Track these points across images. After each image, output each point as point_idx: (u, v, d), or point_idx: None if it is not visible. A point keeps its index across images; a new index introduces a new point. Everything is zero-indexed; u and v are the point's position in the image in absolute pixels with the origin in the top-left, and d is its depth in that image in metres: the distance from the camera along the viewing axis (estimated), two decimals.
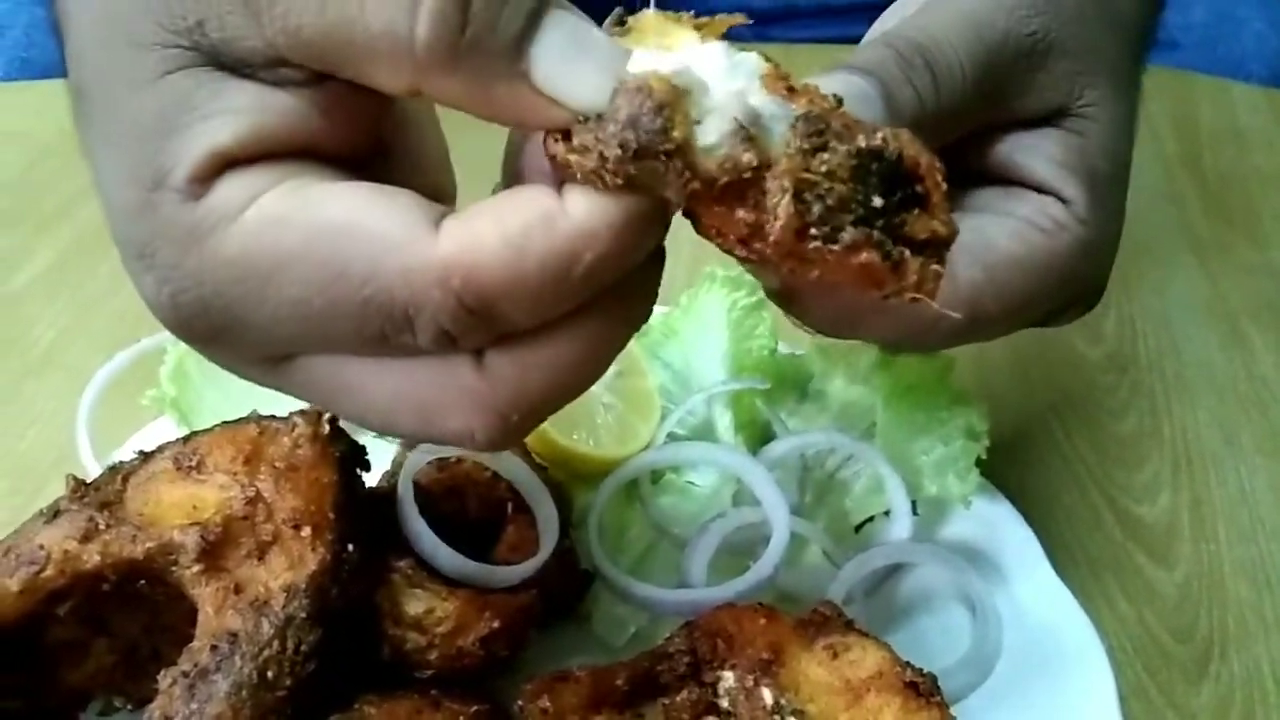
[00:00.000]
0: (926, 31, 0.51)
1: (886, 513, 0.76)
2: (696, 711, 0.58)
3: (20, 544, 0.55)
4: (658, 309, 0.85)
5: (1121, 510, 0.84)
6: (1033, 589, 0.72)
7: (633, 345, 0.81)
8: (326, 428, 0.60)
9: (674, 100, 0.34)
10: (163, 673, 0.52)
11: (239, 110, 0.38)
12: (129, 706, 0.61)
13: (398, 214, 0.37)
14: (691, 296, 0.85)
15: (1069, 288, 0.57)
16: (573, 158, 0.36)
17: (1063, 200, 0.55)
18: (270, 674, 0.51)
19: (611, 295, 0.38)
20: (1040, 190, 0.55)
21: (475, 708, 0.59)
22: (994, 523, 0.76)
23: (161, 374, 0.78)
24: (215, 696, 0.50)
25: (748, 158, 0.35)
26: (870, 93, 0.48)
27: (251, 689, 0.51)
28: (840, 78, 0.48)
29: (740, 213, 0.36)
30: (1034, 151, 0.56)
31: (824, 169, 0.35)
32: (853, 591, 0.70)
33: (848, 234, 0.36)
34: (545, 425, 0.73)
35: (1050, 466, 0.88)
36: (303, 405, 0.61)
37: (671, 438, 0.78)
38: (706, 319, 0.83)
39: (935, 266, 0.37)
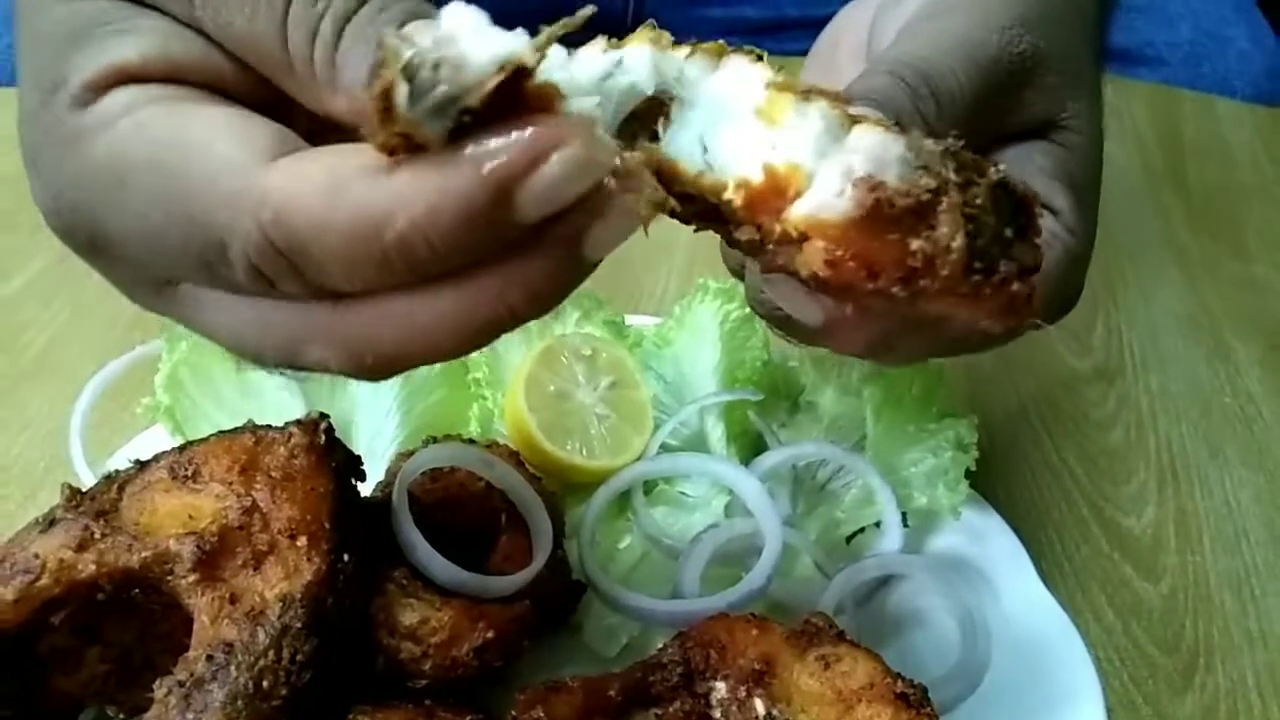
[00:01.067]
0: (927, 60, 0.52)
1: (877, 524, 0.76)
2: None
3: (15, 552, 0.55)
4: (651, 320, 0.87)
5: (1108, 522, 0.85)
6: (1021, 600, 0.73)
7: (626, 356, 0.81)
8: (323, 437, 0.60)
9: (385, 59, 0.32)
10: (158, 682, 0.52)
11: (151, 30, 0.39)
12: (122, 716, 0.61)
13: (249, 139, 0.36)
14: (684, 308, 0.85)
15: (1060, 294, 0.58)
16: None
17: (1052, 210, 0.56)
18: (265, 684, 0.52)
19: (485, 273, 0.36)
20: None
21: (469, 718, 0.60)
22: (983, 534, 0.77)
23: (156, 382, 0.78)
24: (210, 706, 0.51)
25: (926, 182, 0.34)
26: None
27: (247, 699, 0.51)
28: (861, 110, 0.49)
29: (916, 243, 0.34)
30: (1023, 164, 0.57)
31: (978, 202, 0.35)
32: (844, 602, 0.71)
33: (1004, 266, 0.36)
34: (539, 436, 0.74)
35: (1039, 479, 0.89)
36: (298, 415, 0.62)
37: (664, 449, 0.78)
38: (699, 330, 0.84)
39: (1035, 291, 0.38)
